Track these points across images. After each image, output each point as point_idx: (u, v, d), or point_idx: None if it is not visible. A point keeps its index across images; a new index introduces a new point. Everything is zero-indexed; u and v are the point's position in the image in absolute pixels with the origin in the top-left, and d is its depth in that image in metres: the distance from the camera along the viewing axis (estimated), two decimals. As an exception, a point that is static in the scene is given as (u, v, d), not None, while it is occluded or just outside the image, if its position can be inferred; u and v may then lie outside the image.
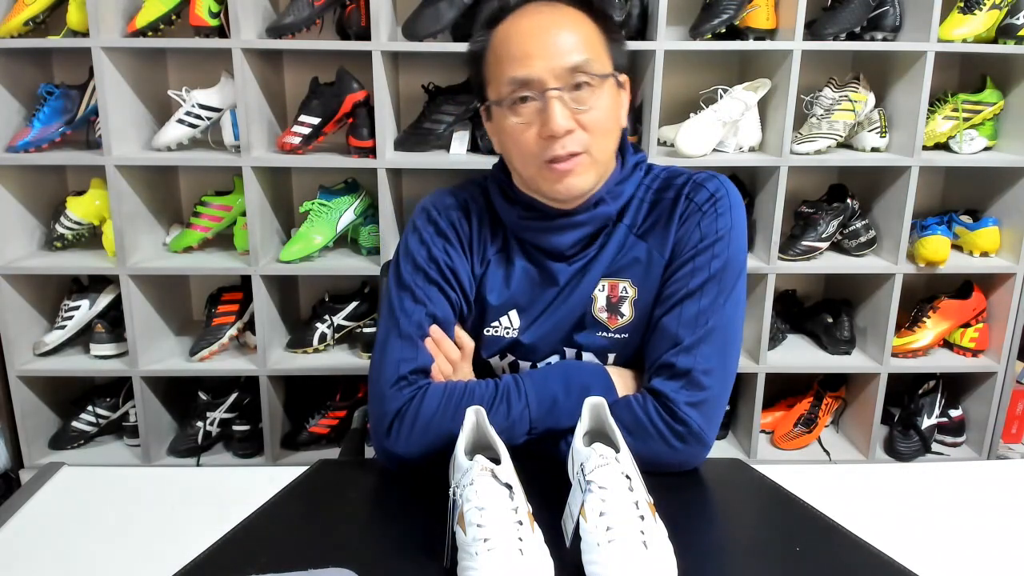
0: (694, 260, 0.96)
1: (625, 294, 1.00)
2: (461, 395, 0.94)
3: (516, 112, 0.93)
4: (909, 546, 0.81)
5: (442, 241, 1.01)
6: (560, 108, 0.90)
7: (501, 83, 0.93)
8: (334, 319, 2.02)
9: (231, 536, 0.80)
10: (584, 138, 0.92)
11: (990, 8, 1.83)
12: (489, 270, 1.04)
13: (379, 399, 0.96)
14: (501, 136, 0.97)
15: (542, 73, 0.90)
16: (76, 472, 1.03)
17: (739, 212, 0.99)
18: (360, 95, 1.86)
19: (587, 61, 0.91)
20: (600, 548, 0.68)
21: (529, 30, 0.93)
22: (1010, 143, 1.97)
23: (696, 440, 0.92)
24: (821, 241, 1.96)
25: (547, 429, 0.94)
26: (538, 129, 0.92)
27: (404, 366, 0.96)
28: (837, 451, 2.10)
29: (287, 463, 2.04)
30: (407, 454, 0.93)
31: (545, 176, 0.95)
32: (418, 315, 0.98)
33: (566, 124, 0.90)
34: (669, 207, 1.00)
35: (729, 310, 0.95)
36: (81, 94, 1.91)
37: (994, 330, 2.03)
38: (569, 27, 0.92)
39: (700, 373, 0.93)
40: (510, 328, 1.04)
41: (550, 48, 0.91)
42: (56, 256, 1.98)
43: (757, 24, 1.86)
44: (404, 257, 1.02)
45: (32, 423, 2.00)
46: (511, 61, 0.92)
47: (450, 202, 1.04)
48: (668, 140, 1.98)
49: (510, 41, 0.93)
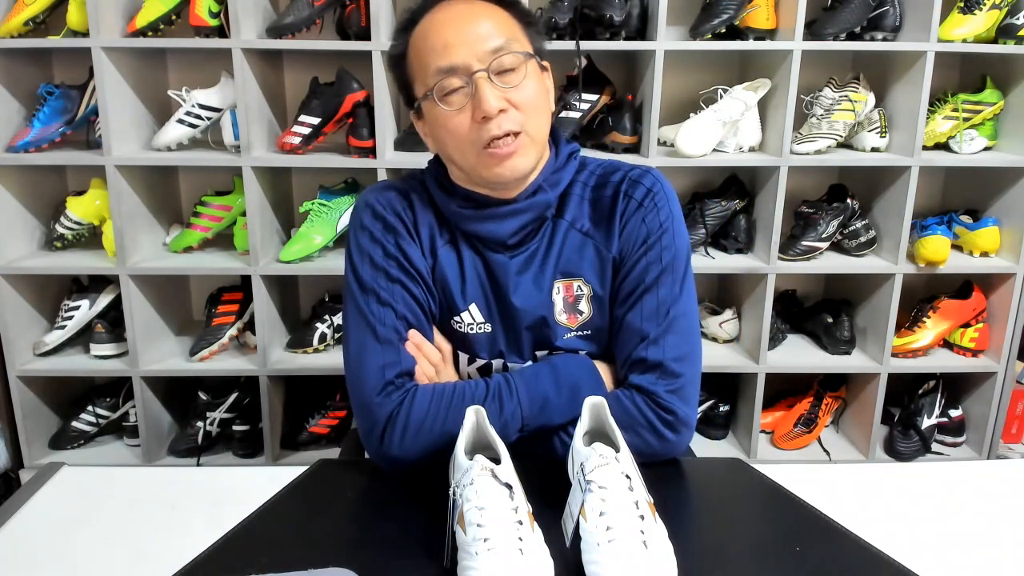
0: (646, 255, 0.99)
1: (581, 292, 1.02)
2: (452, 395, 0.94)
3: (446, 101, 0.93)
4: (909, 546, 0.81)
5: (393, 235, 1.00)
6: (489, 88, 0.91)
7: (427, 76, 0.94)
8: (334, 319, 2.02)
9: (231, 536, 0.80)
10: (518, 116, 0.93)
11: (990, 8, 1.83)
12: (439, 262, 1.03)
13: (367, 408, 0.96)
14: (434, 129, 0.98)
15: (466, 58, 0.91)
16: (76, 472, 1.03)
17: (675, 202, 1.03)
18: (360, 95, 1.86)
19: (508, 42, 0.93)
20: (600, 548, 0.68)
21: (446, 21, 0.94)
22: (1010, 143, 1.97)
23: (684, 425, 0.96)
24: (821, 241, 1.96)
25: (539, 427, 0.95)
26: (471, 114, 0.92)
27: (389, 371, 0.96)
28: (837, 451, 2.10)
29: (287, 463, 2.04)
30: (403, 457, 0.94)
31: (485, 162, 0.95)
32: (390, 318, 0.98)
33: (498, 104, 0.91)
34: (609, 204, 1.02)
35: (685, 297, 1.00)
36: (81, 94, 1.91)
37: (994, 330, 2.03)
38: (484, 15, 0.94)
39: (671, 361, 0.96)
40: (474, 323, 1.03)
41: (470, 35, 0.92)
42: (56, 256, 1.98)
43: (757, 24, 1.86)
44: (359, 258, 1.00)
45: (32, 423, 2.00)
46: (433, 53, 0.93)
47: (391, 195, 1.03)
48: (668, 140, 1.98)
49: (428, 35, 0.94)
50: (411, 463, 0.94)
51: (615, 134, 1.89)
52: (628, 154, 1.89)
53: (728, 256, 2.01)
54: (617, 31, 1.81)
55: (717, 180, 2.09)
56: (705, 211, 1.96)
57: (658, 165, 1.82)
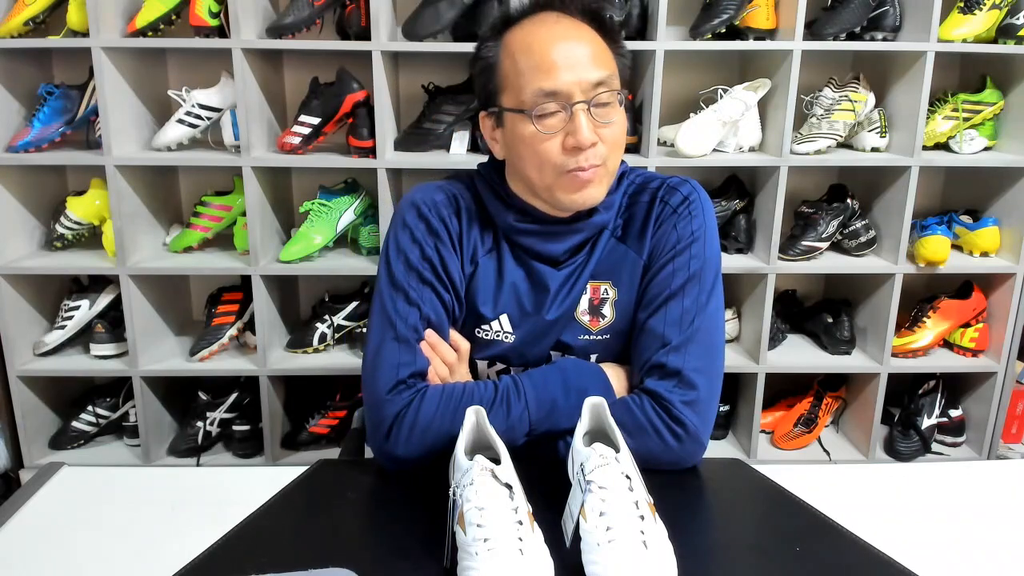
0: (673, 262, 0.99)
1: (606, 296, 1.02)
2: (460, 397, 0.94)
3: (542, 123, 0.93)
4: (909, 546, 0.81)
5: (433, 239, 1.00)
6: (587, 120, 0.92)
7: (524, 92, 0.93)
8: (334, 319, 2.02)
9: (231, 536, 0.80)
10: (603, 151, 0.94)
11: (990, 8, 1.83)
12: (479, 271, 1.03)
13: (377, 404, 0.96)
14: (515, 143, 0.97)
15: (570, 87, 0.91)
16: (76, 472, 1.03)
17: (710, 214, 1.02)
18: (360, 95, 1.86)
19: (609, 76, 0.93)
20: (600, 548, 0.68)
21: (551, 40, 0.93)
22: (1010, 143, 1.97)
23: (692, 440, 0.94)
24: (821, 241, 1.96)
25: (547, 431, 0.95)
26: (563, 140, 0.93)
27: (403, 370, 0.96)
28: (837, 451, 2.10)
29: (287, 463, 2.04)
30: (406, 456, 0.94)
31: (564, 185, 0.95)
32: (413, 318, 0.98)
33: (592, 137, 0.92)
34: (645, 210, 1.02)
35: (712, 310, 0.98)
36: (81, 94, 1.91)
37: (994, 330, 2.03)
38: (590, 42, 0.94)
39: (691, 371, 0.95)
40: (501, 332, 1.04)
41: (576, 61, 0.92)
42: (56, 256, 1.98)
43: (757, 24, 1.86)
44: (395, 255, 1.00)
45: (32, 423, 2.00)
46: (537, 72, 0.92)
47: (440, 198, 1.03)
48: (668, 140, 1.98)
49: (533, 51, 0.93)
50: (414, 462, 0.94)
51: (615, 134, 1.89)
52: (628, 154, 1.89)
53: (728, 256, 2.01)
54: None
55: (717, 180, 2.09)
56: (705, 211, 1.96)
57: (658, 165, 1.82)
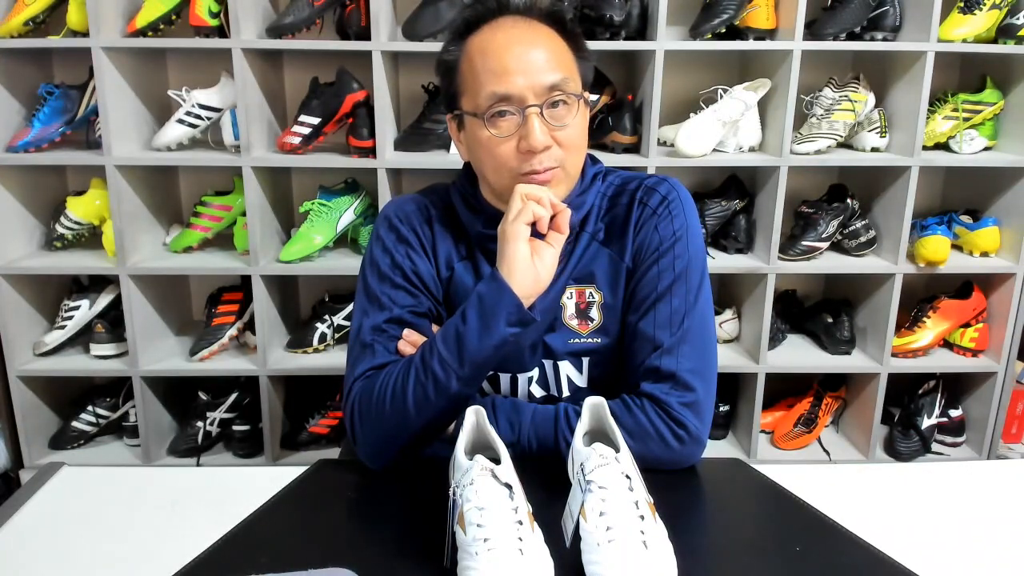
0: (658, 263, 0.99)
1: (592, 299, 1.02)
2: (405, 368, 0.93)
3: (494, 125, 0.94)
4: (909, 546, 0.81)
5: (404, 247, 1.02)
6: (539, 125, 0.92)
7: (479, 96, 0.94)
8: (334, 319, 2.02)
9: (231, 536, 0.80)
10: (559, 154, 0.95)
11: (990, 8, 1.83)
12: (455, 277, 1.04)
13: (345, 410, 0.98)
14: (473, 146, 0.98)
15: (523, 90, 0.92)
16: (76, 472, 1.03)
17: (691, 211, 1.02)
18: (360, 95, 1.86)
19: (564, 80, 0.93)
20: (600, 548, 0.68)
21: (507, 44, 0.93)
22: (1010, 143, 1.97)
23: (694, 440, 0.94)
24: (821, 241, 1.96)
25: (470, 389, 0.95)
26: (516, 143, 0.93)
27: (360, 370, 0.98)
28: (837, 451, 2.10)
29: (287, 463, 2.04)
30: (370, 448, 0.95)
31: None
32: (380, 323, 0.99)
33: (545, 140, 0.92)
34: (624, 212, 1.02)
35: (700, 308, 0.98)
36: (81, 94, 1.91)
37: (994, 330, 2.03)
38: (546, 45, 0.94)
39: (686, 373, 0.95)
40: None
41: (530, 65, 0.92)
42: (56, 256, 1.98)
43: (757, 24, 1.86)
44: (369, 268, 1.03)
45: (32, 423, 2.00)
46: (490, 75, 0.93)
47: (411, 208, 1.06)
48: (668, 140, 1.98)
49: (487, 55, 0.94)
50: (384, 454, 0.95)
51: (615, 134, 1.89)
52: (628, 154, 1.89)
53: (728, 256, 2.01)
54: (617, 31, 1.81)
55: (717, 180, 2.09)
56: (705, 211, 1.96)
57: (658, 165, 1.82)
